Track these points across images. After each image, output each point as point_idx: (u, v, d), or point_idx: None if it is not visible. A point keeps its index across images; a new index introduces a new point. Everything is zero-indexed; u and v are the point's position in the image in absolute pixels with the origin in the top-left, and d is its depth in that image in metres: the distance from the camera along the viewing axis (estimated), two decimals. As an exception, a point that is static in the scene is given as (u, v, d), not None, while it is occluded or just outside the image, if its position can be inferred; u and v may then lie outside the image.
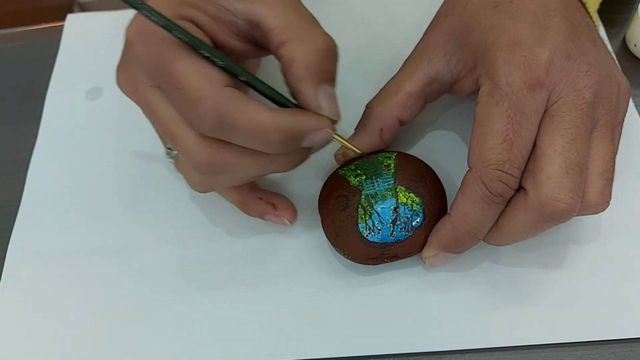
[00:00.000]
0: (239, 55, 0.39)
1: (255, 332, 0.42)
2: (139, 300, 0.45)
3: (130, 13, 0.35)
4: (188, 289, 0.45)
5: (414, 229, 0.41)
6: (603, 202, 0.38)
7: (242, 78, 0.36)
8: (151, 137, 0.53)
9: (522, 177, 0.37)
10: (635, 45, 0.51)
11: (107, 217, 0.49)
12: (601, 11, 0.54)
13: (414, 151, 0.48)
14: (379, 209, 0.41)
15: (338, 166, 0.46)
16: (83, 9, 0.71)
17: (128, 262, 0.46)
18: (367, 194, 0.42)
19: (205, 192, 0.43)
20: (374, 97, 0.46)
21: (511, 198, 0.38)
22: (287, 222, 0.44)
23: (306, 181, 0.48)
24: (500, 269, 0.43)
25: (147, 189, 0.50)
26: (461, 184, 0.39)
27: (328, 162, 0.48)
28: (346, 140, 0.40)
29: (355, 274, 0.44)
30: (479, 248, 0.44)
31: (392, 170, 0.43)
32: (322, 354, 0.41)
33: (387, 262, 0.42)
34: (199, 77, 0.34)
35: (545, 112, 0.38)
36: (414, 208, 0.41)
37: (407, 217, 0.41)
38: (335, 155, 0.46)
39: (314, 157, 0.49)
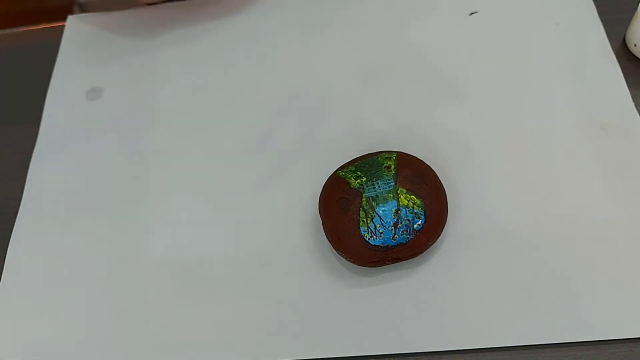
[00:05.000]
0: None
1: (255, 332, 0.42)
2: (138, 300, 0.45)
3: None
4: (188, 289, 0.45)
5: (415, 232, 0.41)
6: None
7: None
8: (150, 137, 0.53)
9: None
10: (635, 45, 0.51)
11: (107, 216, 0.49)
12: (601, 11, 0.55)
13: (414, 151, 0.48)
14: (380, 211, 0.41)
15: (338, 167, 0.45)
16: (83, 9, 0.71)
17: (128, 262, 0.46)
18: (368, 197, 0.42)
19: None
20: None
21: None
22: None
23: (306, 182, 0.48)
24: (500, 269, 0.43)
25: (147, 188, 0.50)
26: None
27: (328, 163, 0.48)
28: None
29: (355, 274, 0.44)
30: (479, 248, 0.44)
31: (393, 172, 0.43)
32: (322, 354, 0.41)
33: (388, 264, 0.42)
34: None
35: None
36: (415, 210, 0.41)
37: (408, 220, 0.41)
38: None
39: (313, 158, 0.49)
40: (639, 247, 0.43)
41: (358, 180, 0.43)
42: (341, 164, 0.46)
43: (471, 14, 0.56)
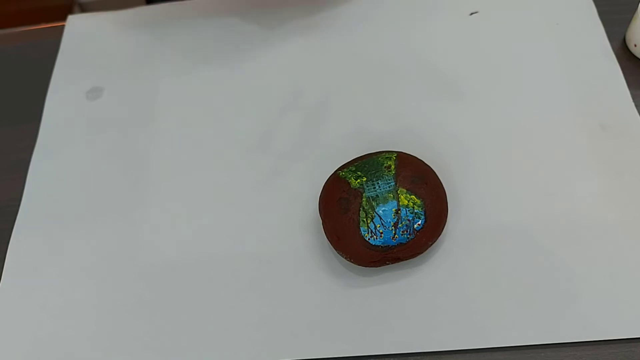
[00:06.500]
0: None
1: (254, 332, 0.42)
2: (138, 300, 0.45)
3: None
4: (188, 289, 0.45)
5: (415, 232, 0.41)
6: None
7: None
8: (151, 137, 0.53)
9: None
10: (635, 45, 0.51)
11: (107, 216, 0.49)
12: (601, 11, 0.55)
13: (414, 151, 0.48)
14: (380, 211, 0.41)
15: (338, 167, 0.45)
16: (83, 9, 0.71)
17: (127, 262, 0.46)
18: (369, 197, 0.42)
19: None
20: None
21: None
22: None
23: (306, 182, 0.48)
24: (500, 269, 0.43)
25: (147, 188, 0.50)
26: None
27: (328, 163, 0.48)
28: None
29: (355, 274, 0.44)
30: (479, 248, 0.44)
31: (393, 172, 0.43)
32: (322, 354, 0.41)
33: (388, 264, 0.42)
34: None
35: None
36: (416, 210, 0.41)
37: (408, 220, 0.41)
38: None
39: (313, 158, 0.49)
40: (639, 247, 0.43)
41: (358, 180, 0.43)
42: (341, 164, 0.46)
43: (471, 14, 0.56)
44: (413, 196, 0.42)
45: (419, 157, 0.45)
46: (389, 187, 0.42)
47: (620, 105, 0.49)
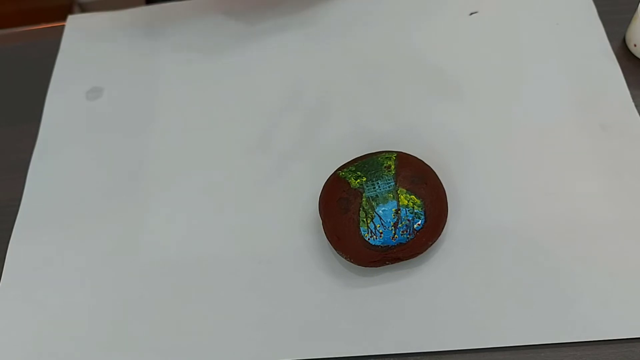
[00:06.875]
0: None
1: (254, 332, 0.42)
2: (138, 300, 0.45)
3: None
4: (188, 289, 0.45)
5: (415, 232, 0.41)
6: None
7: None
8: (151, 137, 0.53)
9: None
10: (635, 45, 0.51)
11: (107, 216, 0.49)
12: (601, 11, 0.55)
13: (414, 151, 0.48)
14: (380, 211, 0.41)
15: (338, 167, 0.45)
16: (83, 9, 0.71)
17: (127, 262, 0.46)
18: (368, 197, 0.42)
19: None
20: None
21: None
22: None
23: (306, 182, 0.48)
24: (500, 268, 0.43)
25: (147, 188, 0.50)
26: None
27: (328, 163, 0.48)
28: None
29: (355, 274, 0.44)
30: (479, 248, 0.44)
31: (393, 172, 0.43)
32: (322, 354, 0.41)
33: (388, 264, 0.42)
34: None
35: None
36: (415, 210, 0.41)
37: (408, 220, 0.41)
38: None
39: (313, 158, 0.49)
40: (639, 247, 0.43)
41: (358, 180, 0.43)
42: (341, 164, 0.46)
43: (471, 14, 0.56)
44: (413, 196, 0.42)
45: (419, 157, 0.45)
46: (389, 187, 0.42)
47: (620, 105, 0.49)
